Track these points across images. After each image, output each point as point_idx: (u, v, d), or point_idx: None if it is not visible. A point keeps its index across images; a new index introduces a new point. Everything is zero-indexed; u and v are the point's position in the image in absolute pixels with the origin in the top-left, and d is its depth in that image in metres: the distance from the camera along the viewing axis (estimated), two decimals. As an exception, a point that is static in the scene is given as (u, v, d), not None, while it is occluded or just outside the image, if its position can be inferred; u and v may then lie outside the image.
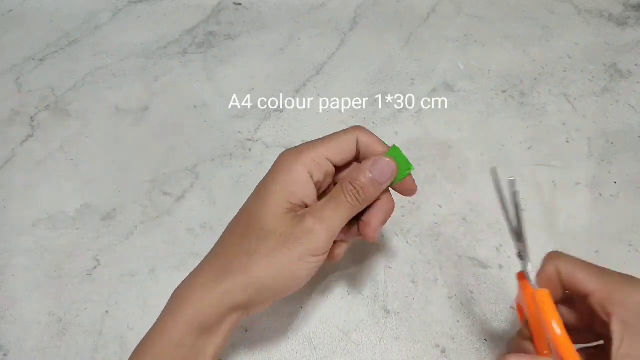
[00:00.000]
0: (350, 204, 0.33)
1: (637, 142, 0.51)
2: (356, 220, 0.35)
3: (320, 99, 0.57)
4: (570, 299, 0.33)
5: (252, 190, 0.49)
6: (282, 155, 0.35)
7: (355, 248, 0.44)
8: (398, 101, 0.56)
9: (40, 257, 0.46)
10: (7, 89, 0.59)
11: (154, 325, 0.33)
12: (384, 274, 0.43)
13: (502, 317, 0.41)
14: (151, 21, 0.66)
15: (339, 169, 0.36)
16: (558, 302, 0.32)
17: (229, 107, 0.56)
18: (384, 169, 0.33)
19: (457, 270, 0.43)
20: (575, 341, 0.28)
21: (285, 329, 0.41)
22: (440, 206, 0.47)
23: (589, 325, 0.31)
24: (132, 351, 0.40)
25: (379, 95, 0.56)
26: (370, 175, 0.33)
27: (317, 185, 0.34)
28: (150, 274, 0.44)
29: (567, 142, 0.52)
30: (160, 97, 0.58)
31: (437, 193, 0.48)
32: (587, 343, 0.33)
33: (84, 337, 0.41)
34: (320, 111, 0.55)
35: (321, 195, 0.35)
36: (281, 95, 0.57)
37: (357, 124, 0.36)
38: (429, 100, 0.56)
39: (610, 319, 0.29)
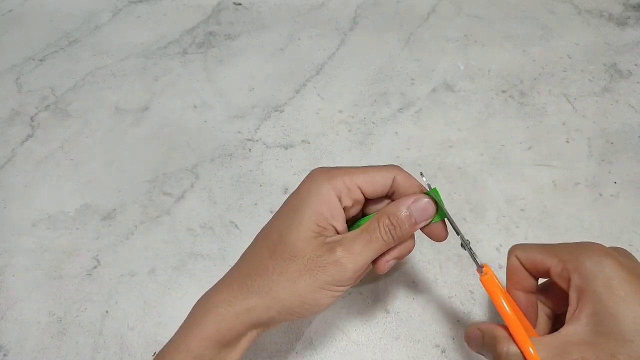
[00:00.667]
0: (383, 240, 0.32)
1: (637, 142, 0.51)
2: None
3: (320, 99, 0.57)
4: (553, 287, 0.34)
5: (252, 190, 0.49)
6: (314, 172, 0.34)
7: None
8: (398, 101, 0.56)
9: (40, 257, 0.46)
10: (7, 89, 0.59)
11: (173, 336, 0.33)
12: (384, 274, 0.43)
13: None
14: (151, 21, 0.66)
15: (369, 201, 0.35)
16: (535, 292, 0.34)
17: (229, 107, 0.56)
18: (424, 209, 0.33)
19: (457, 270, 0.43)
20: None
21: (286, 328, 0.41)
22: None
23: None
24: (131, 351, 0.40)
25: (379, 95, 0.56)
26: (409, 213, 0.32)
27: (345, 211, 0.34)
28: (150, 274, 0.44)
29: (567, 142, 0.52)
30: (160, 97, 0.58)
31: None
32: None
33: (84, 337, 0.41)
34: (320, 111, 0.55)
35: (348, 221, 0.35)
36: (281, 95, 0.57)
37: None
38: (429, 100, 0.56)
39: (568, 287, 0.30)
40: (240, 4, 0.67)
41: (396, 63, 0.60)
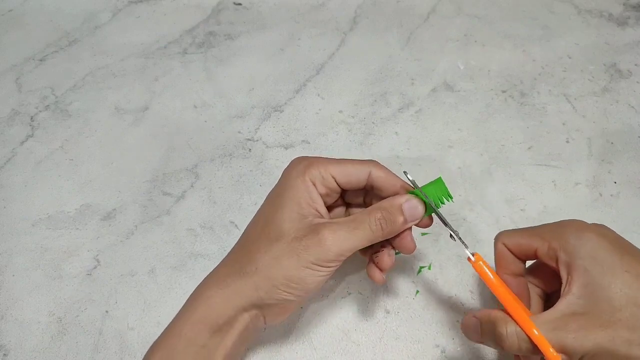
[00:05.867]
0: (371, 232, 0.33)
1: (637, 142, 0.51)
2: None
3: (320, 99, 0.57)
4: (540, 268, 0.36)
5: (252, 190, 0.49)
6: (293, 161, 0.36)
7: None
8: (398, 101, 0.56)
9: (40, 257, 0.46)
10: (7, 89, 0.59)
11: (170, 322, 0.34)
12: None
13: (502, 317, 0.41)
14: (151, 21, 0.66)
15: (348, 193, 0.37)
16: (523, 275, 0.35)
17: (229, 107, 0.56)
18: (414, 209, 0.34)
19: (457, 270, 0.43)
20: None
21: (285, 328, 0.41)
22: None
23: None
24: (131, 351, 0.40)
25: (379, 95, 0.56)
26: (401, 211, 0.34)
27: (321, 198, 0.35)
28: (150, 274, 0.44)
29: (567, 142, 0.52)
30: (160, 97, 0.58)
31: (437, 193, 0.48)
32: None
33: (84, 337, 0.41)
34: (320, 111, 0.55)
35: (329, 209, 0.37)
36: (281, 95, 0.57)
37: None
38: (429, 100, 0.56)
39: (557, 265, 0.31)
40: (240, 4, 0.67)
41: (396, 63, 0.60)
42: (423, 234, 0.45)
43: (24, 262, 0.45)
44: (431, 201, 0.34)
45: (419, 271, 0.43)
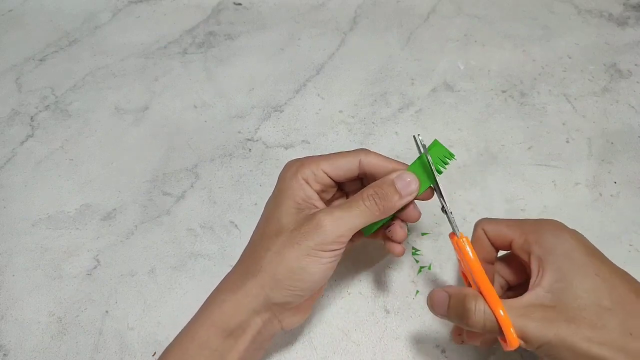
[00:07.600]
0: (367, 209, 0.33)
1: (637, 142, 0.51)
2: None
3: (320, 99, 0.57)
4: (509, 260, 0.37)
5: (252, 190, 0.49)
6: (286, 164, 0.37)
7: (355, 248, 0.44)
8: (398, 101, 0.56)
9: (40, 257, 0.46)
10: (7, 89, 0.59)
11: (184, 326, 0.34)
12: (384, 274, 0.43)
13: (502, 317, 0.41)
14: (151, 21, 0.66)
15: (345, 185, 0.38)
16: (493, 263, 0.36)
17: (229, 107, 0.56)
18: (407, 183, 0.34)
19: (457, 271, 0.43)
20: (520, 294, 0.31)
21: (285, 329, 0.41)
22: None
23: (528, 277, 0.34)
24: (131, 351, 0.40)
25: (379, 95, 0.56)
26: (393, 185, 0.34)
27: (318, 195, 0.36)
28: (150, 274, 0.44)
29: (567, 142, 0.52)
30: (160, 97, 0.58)
31: (437, 193, 0.48)
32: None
33: (84, 337, 0.41)
34: (320, 111, 0.55)
35: (329, 202, 0.38)
36: (281, 95, 0.57)
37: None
38: (429, 100, 0.56)
39: (529, 258, 0.32)
40: (240, 4, 0.67)
41: (396, 63, 0.60)
42: (423, 233, 0.45)
43: (24, 262, 0.45)
44: (433, 167, 0.34)
45: (419, 271, 0.43)
